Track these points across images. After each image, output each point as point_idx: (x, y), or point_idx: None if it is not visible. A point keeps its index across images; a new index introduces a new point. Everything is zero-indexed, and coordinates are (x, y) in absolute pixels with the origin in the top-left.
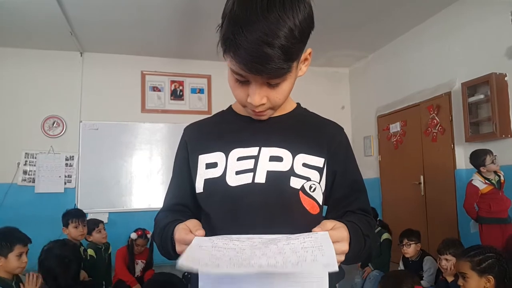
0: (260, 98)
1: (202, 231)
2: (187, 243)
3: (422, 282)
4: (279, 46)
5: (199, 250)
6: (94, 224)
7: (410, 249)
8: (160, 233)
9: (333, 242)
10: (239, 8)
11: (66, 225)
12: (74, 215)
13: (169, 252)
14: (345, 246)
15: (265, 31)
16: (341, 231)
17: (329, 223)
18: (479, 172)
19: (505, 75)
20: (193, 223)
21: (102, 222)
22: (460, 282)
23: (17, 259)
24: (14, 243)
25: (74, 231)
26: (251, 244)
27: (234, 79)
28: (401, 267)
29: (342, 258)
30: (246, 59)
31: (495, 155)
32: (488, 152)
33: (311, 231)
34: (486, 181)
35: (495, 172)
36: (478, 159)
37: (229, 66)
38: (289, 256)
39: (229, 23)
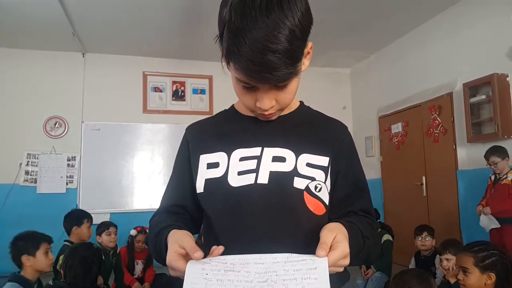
0: (269, 102)
1: (200, 254)
2: (178, 270)
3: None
4: (284, 51)
5: None
6: (105, 226)
7: (428, 242)
8: (153, 240)
9: (335, 262)
10: (237, 17)
11: (79, 224)
12: (88, 215)
13: (164, 259)
14: (345, 262)
15: (268, 38)
16: (343, 247)
17: (330, 236)
18: None
19: (507, 76)
20: (189, 244)
21: (115, 226)
22: (460, 276)
23: (45, 257)
24: (40, 242)
25: (87, 232)
26: (245, 279)
27: (240, 86)
28: (413, 263)
29: (341, 269)
30: (254, 70)
31: (489, 161)
32: (485, 155)
33: (315, 234)
34: (491, 176)
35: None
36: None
37: (233, 75)
38: None
39: (230, 34)
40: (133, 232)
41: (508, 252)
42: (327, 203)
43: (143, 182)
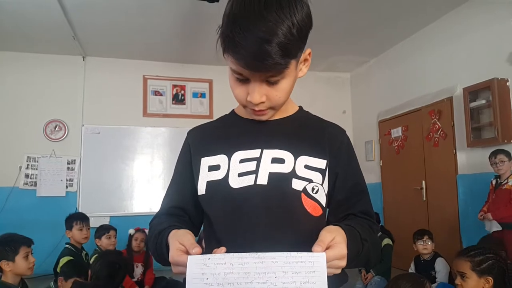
0: (259, 96)
1: (198, 249)
2: (181, 265)
3: (434, 285)
4: (277, 43)
5: None
6: (105, 230)
7: (429, 246)
8: (154, 240)
9: (331, 260)
10: (237, 8)
11: (69, 228)
12: (79, 217)
13: (165, 259)
14: (342, 263)
15: (263, 29)
16: (340, 248)
17: (328, 236)
18: None
19: (507, 80)
20: (189, 241)
21: (114, 229)
22: (458, 281)
23: (25, 260)
24: (19, 246)
25: (78, 234)
26: (245, 281)
27: (234, 78)
28: (412, 267)
29: (338, 271)
30: (244, 56)
31: (496, 159)
32: (492, 153)
33: (313, 235)
34: (493, 180)
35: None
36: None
37: (228, 65)
38: None
39: (228, 22)
40: (131, 231)
41: (510, 258)
42: (324, 205)
43: (143, 186)
